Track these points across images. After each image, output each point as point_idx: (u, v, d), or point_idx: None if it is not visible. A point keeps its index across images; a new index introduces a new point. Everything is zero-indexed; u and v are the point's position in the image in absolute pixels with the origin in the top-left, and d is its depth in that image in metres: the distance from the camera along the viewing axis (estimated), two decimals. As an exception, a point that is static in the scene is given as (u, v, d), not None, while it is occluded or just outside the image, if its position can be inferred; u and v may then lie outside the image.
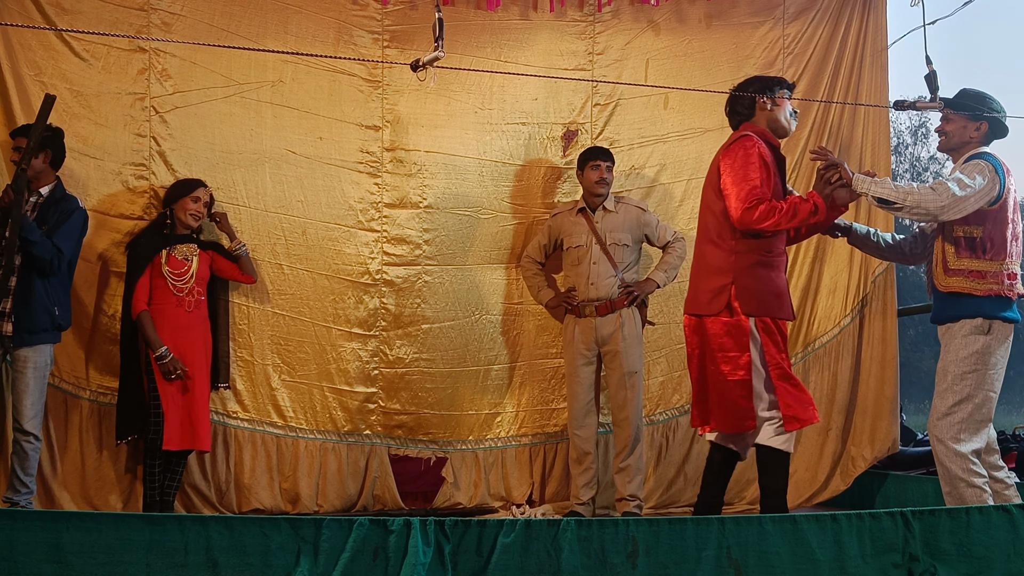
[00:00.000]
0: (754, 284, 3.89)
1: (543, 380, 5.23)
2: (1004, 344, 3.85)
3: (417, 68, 3.74)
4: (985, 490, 3.74)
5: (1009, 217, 3.87)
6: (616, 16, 5.32)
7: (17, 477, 4.20)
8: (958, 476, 3.75)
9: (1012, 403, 27.60)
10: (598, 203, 4.93)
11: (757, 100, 4.01)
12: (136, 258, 4.50)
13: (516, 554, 2.94)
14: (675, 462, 5.25)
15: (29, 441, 4.21)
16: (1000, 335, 3.83)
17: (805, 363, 5.37)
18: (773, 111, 4.01)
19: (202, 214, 4.59)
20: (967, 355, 3.81)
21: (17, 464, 4.21)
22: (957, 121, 4.00)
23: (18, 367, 4.22)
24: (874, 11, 5.47)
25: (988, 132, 4.00)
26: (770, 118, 4.02)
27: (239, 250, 4.68)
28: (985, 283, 3.82)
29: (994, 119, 3.97)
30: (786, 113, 4.04)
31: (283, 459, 4.86)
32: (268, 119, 4.91)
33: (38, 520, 2.79)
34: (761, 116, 4.02)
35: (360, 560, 2.88)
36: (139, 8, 4.70)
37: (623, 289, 4.82)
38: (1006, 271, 3.84)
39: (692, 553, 3.03)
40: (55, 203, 4.28)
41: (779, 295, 3.94)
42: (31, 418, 4.22)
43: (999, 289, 3.81)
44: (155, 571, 2.78)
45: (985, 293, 3.81)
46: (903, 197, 3.75)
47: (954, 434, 3.77)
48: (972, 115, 3.95)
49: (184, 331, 4.49)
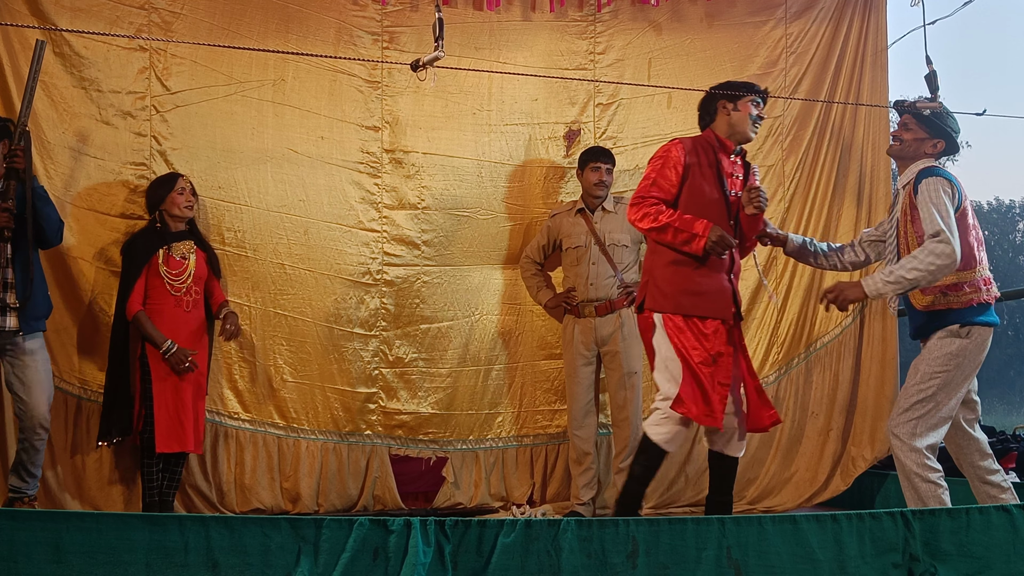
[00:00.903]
0: (665, 282, 3.87)
1: (544, 380, 5.23)
2: (980, 348, 3.82)
3: (417, 68, 3.75)
4: (940, 484, 3.74)
5: (970, 224, 3.87)
6: (616, 16, 5.33)
7: (27, 470, 4.14)
8: (912, 471, 3.75)
9: (1012, 403, 27.61)
10: (597, 204, 4.93)
11: (719, 105, 3.99)
12: (133, 260, 4.47)
13: (516, 554, 2.94)
14: (676, 462, 5.24)
15: (40, 436, 4.13)
16: (978, 339, 3.81)
17: (808, 363, 5.38)
18: (733, 116, 3.96)
19: (192, 202, 4.57)
20: (940, 355, 3.80)
21: (27, 460, 4.13)
22: (916, 132, 3.97)
23: (26, 360, 4.09)
24: (875, 11, 5.48)
25: (942, 151, 3.99)
26: (730, 123, 3.97)
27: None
28: (964, 295, 3.81)
29: (950, 140, 3.97)
30: (748, 119, 3.97)
31: (284, 459, 4.86)
32: (269, 118, 4.91)
33: (38, 520, 2.78)
34: (722, 120, 3.99)
35: (360, 560, 2.88)
36: (140, 7, 4.70)
37: (622, 289, 4.82)
38: (981, 277, 3.83)
39: (692, 553, 3.03)
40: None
41: (696, 293, 3.85)
42: (47, 410, 4.14)
43: (977, 297, 3.81)
44: (155, 571, 2.78)
45: (965, 304, 3.80)
46: (916, 276, 3.68)
47: (910, 430, 3.77)
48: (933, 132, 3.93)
49: (183, 331, 4.47)
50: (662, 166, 3.90)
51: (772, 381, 5.36)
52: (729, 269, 3.95)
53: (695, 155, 3.92)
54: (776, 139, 5.46)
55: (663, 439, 3.79)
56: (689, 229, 3.79)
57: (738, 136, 3.99)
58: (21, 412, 4.13)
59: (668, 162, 3.90)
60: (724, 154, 3.97)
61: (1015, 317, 35.92)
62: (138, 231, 4.59)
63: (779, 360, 5.38)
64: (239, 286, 4.84)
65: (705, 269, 3.86)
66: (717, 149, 3.97)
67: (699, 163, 3.92)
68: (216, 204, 4.82)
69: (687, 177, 3.89)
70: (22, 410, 4.13)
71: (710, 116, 4.05)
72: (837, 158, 5.44)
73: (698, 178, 3.90)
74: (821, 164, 5.44)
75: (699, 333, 3.82)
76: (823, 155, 5.44)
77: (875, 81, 5.46)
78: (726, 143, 3.98)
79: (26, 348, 4.09)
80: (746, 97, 3.96)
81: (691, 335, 3.81)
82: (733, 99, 3.97)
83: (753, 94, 3.99)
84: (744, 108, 3.96)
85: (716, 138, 3.99)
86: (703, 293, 3.86)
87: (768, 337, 5.39)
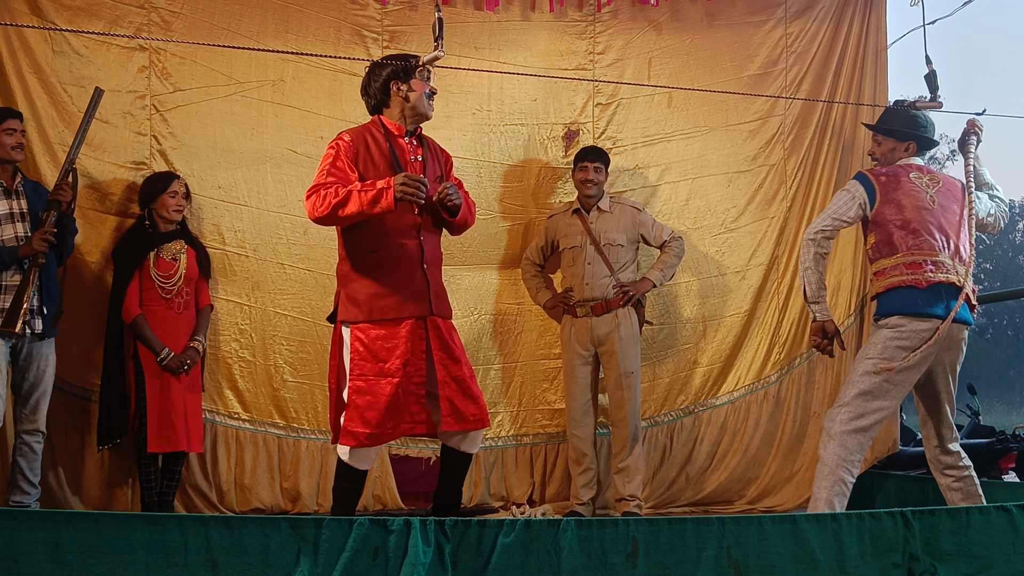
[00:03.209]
0: (348, 292, 3.68)
1: (544, 380, 5.23)
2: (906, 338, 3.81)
3: (417, 68, 3.75)
4: (845, 481, 3.76)
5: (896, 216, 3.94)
6: (616, 16, 5.32)
7: (26, 478, 4.15)
8: (824, 460, 3.80)
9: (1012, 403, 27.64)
10: (592, 203, 4.93)
11: (392, 87, 3.73)
12: (124, 263, 4.47)
13: (516, 554, 2.94)
14: (678, 463, 5.25)
15: (39, 440, 4.18)
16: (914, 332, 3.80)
17: (810, 363, 5.38)
18: (410, 98, 3.71)
19: (183, 206, 4.56)
20: (869, 347, 3.88)
21: (25, 465, 4.15)
22: (886, 144, 4.16)
23: (41, 365, 4.18)
24: (875, 11, 5.48)
25: (917, 149, 4.14)
26: (404, 105, 3.73)
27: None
28: (885, 278, 3.92)
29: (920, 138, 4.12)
30: (423, 98, 3.72)
31: (284, 459, 4.86)
32: (269, 118, 4.91)
33: (38, 520, 2.78)
34: (396, 103, 3.75)
35: (360, 560, 2.88)
36: (140, 6, 4.69)
37: (619, 289, 4.82)
38: (904, 262, 3.89)
39: (692, 553, 3.03)
40: (35, 191, 4.29)
41: (358, 301, 3.63)
42: (44, 415, 4.20)
43: (898, 280, 3.87)
44: (155, 571, 2.78)
45: (885, 288, 3.91)
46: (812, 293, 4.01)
47: (842, 422, 3.81)
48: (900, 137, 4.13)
49: (173, 333, 4.46)
50: (333, 159, 3.62)
51: (774, 381, 5.36)
52: (421, 261, 3.69)
53: (364, 146, 3.67)
54: (778, 139, 5.46)
55: (350, 455, 3.64)
56: (372, 187, 3.48)
57: (418, 117, 3.75)
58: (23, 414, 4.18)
59: (340, 153, 3.62)
60: (399, 139, 3.74)
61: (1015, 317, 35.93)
62: (127, 231, 4.58)
63: (781, 360, 5.38)
64: (239, 286, 4.84)
65: (379, 271, 3.63)
66: (391, 136, 3.74)
67: (370, 155, 3.67)
68: (216, 204, 4.82)
69: (361, 171, 3.63)
70: (23, 414, 4.18)
71: (379, 98, 3.78)
72: (838, 157, 5.44)
73: (372, 172, 3.63)
74: (822, 163, 5.44)
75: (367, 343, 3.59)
76: (824, 155, 5.44)
77: (875, 81, 5.45)
78: (399, 127, 3.75)
79: (40, 353, 4.19)
80: (417, 73, 3.73)
81: (363, 346, 3.58)
82: (405, 78, 3.73)
83: (425, 68, 3.73)
84: (418, 87, 3.73)
85: (383, 124, 3.76)
86: (367, 298, 3.63)
87: (770, 337, 5.39)
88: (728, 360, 5.38)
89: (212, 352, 4.74)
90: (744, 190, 5.43)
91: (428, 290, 3.67)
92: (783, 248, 5.43)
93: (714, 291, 5.38)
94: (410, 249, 3.67)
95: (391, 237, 3.65)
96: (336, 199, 3.50)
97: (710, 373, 5.36)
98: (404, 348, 3.60)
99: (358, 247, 3.70)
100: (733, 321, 5.38)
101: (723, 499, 5.26)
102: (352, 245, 3.72)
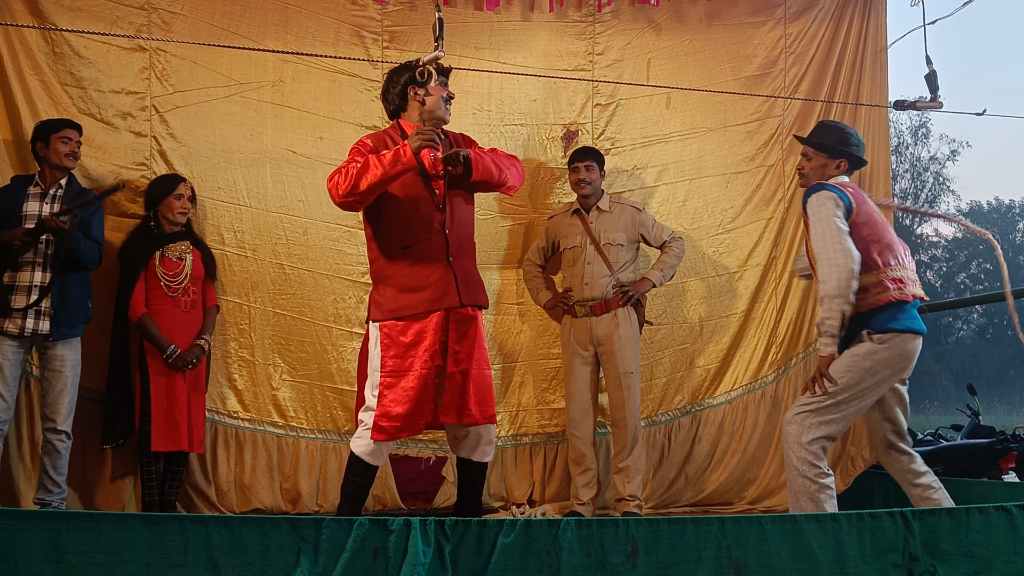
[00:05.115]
0: (377, 290, 3.75)
1: (543, 380, 5.23)
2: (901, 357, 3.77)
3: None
4: (816, 482, 3.67)
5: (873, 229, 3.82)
6: (616, 16, 5.33)
7: (49, 477, 4.22)
8: (793, 464, 3.72)
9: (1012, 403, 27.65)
10: (591, 203, 4.94)
11: (409, 92, 3.81)
12: (129, 264, 4.49)
13: (516, 554, 2.94)
14: (677, 462, 5.25)
15: (62, 440, 4.25)
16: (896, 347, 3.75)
17: (807, 363, 5.37)
18: (427, 102, 3.77)
19: (188, 209, 4.59)
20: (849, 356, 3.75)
21: (49, 464, 4.23)
22: (816, 159, 3.97)
23: (55, 366, 4.24)
24: (874, 11, 5.49)
25: (849, 167, 3.98)
26: (422, 109, 3.78)
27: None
28: (871, 296, 3.76)
29: (851, 156, 3.96)
30: (440, 101, 3.78)
31: (284, 459, 4.86)
32: (269, 119, 4.91)
33: (38, 520, 2.78)
34: (414, 107, 3.81)
35: (360, 560, 2.88)
36: (139, 7, 4.70)
37: (618, 289, 4.82)
38: (888, 278, 3.77)
39: (692, 553, 3.03)
40: (76, 196, 4.31)
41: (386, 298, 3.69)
42: (67, 416, 4.26)
43: (885, 297, 3.75)
44: (155, 571, 2.78)
45: (872, 306, 3.76)
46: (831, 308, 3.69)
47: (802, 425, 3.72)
48: (832, 154, 3.94)
49: (180, 331, 4.48)
50: (354, 154, 3.67)
51: (771, 381, 5.36)
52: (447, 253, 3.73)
53: (385, 148, 3.68)
54: (776, 139, 5.46)
55: (368, 453, 3.68)
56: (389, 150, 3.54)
57: (436, 121, 3.79)
58: (44, 414, 4.27)
59: (362, 150, 3.68)
60: None
61: (1015, 317, 35.85)
62: (133, 232, 4.60)
63: (778, 360, 5.39)
64: (239, 286, 4.84)
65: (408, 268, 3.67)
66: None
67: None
68: (216, 204, 4.82)
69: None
70: (44, 413, 4.27)
71: (398, 104, 3.85)
72: (837, 158, 5.43)
73: None
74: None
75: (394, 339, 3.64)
76: (823, 155, 5.44)
77: (875, 81, 5.46)
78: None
79: (55, 354, 4.25)
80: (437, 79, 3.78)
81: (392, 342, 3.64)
82: (423, 83, 3.78)
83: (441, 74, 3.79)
84: (435, 91, 3.78)
85: (402, 128, 3.80)
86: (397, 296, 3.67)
87: (767, 337, 5.39)
88: (725, 360, 5.38)
89: (213, 352, 4.74)
90: (742, 191, 5.43)
91: (456, 281, 3.71)
92: (780, 249, 5.43)
93: (711, 291, 5.39)
94: (435, 243, 3.72)
95: (415, 233, 3.71)
96: (357, 168, 3.54)
97: (707, 373, 5.36)
98: (430, 340, 3.66)
99: (384, 245, 3.75)
100: (730, 321, 5.38)
101: (723, 500, 5.26)
102: (379, 244, 3.77)
